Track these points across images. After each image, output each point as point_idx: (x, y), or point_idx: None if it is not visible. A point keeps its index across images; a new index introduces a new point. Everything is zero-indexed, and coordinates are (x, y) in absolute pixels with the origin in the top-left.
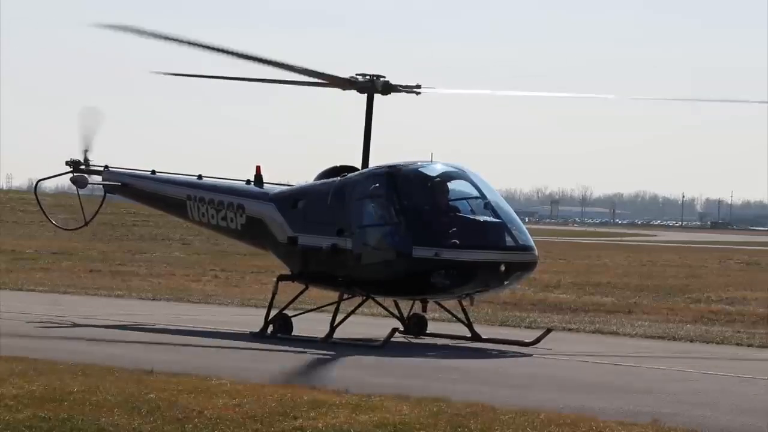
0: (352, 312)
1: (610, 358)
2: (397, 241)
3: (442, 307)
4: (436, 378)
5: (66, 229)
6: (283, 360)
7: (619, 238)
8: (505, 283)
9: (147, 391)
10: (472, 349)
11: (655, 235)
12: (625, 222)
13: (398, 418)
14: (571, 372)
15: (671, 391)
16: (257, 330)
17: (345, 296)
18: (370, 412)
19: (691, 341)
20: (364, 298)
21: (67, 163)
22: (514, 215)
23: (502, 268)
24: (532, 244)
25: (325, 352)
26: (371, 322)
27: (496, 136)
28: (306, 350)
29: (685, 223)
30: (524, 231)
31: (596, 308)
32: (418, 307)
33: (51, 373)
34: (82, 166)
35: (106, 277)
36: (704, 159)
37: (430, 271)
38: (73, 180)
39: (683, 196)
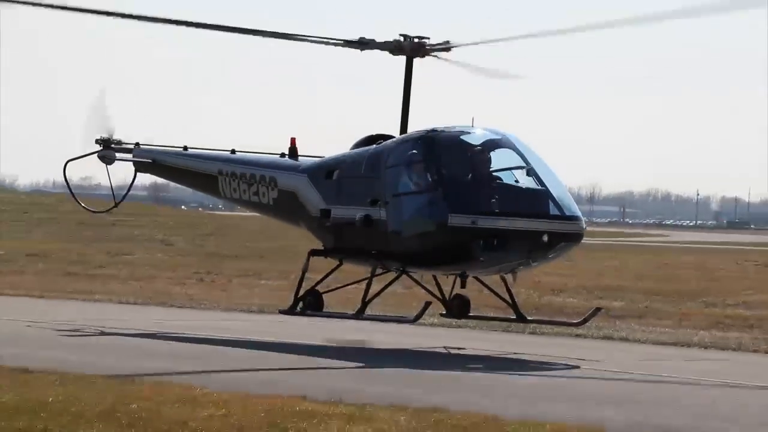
0: (386, 287)
1: (619, 366)
2: (433, 209)
3: (483, 284)
4: (437, 387)
5: (95, 212)
6: (275, 368)
7: (629, 239)
8: (549, 255)
9: (129, 401)
10: (477, 357)
11: (669, 236)
12: (636, 222)
13: (394, 429)
14: (578, 381)
15: (684, 402)
16: (286, 307)
17: (378, 271)
18: (365, 423)
19: (706, 348)
20: (399, 273)
21: (97, 141)
22: (561, 184)
23: (545, 238)
24: (579, 213)
25: (323, 357)
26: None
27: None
28: (301, 355)
29: (699, 222)
30: (570, 200)
31: (606, 313)
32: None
33: (25, 382)
34: (113, 144)
35: (84, 281)
36: (720, 155)
37: (466, 240)
38: (100, 156)
39: (698, 194)
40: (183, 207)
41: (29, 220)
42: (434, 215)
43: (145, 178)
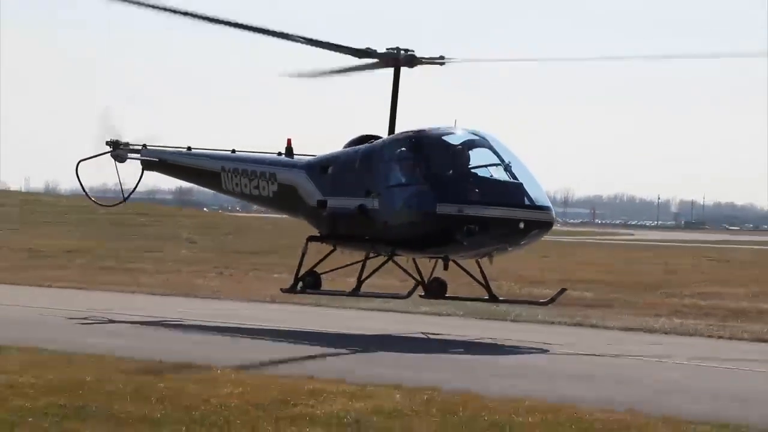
0: (378, 268)
1: (590, 349)
2: (422, 198)
3: (461, 268)
4: (425, 369)
5: (105, 206)
6: (286, 352)
7: (599, 237)
8: (522, 242)
9: (156, 380)
10: (465, 342)
11: (633, 234)
12: (604, 222)
13: (392, 405)
14: (552, 362)
15: (647, 380)
16: (287, 287)
17: (371, 254)
18: (366, 399)
19: (666, 333)
20: (388, 257)
21: (107, 143)
22: (534, 178)
23: (522, 225)
24: (550, 204)
25: (326, 343)
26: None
27: None
28: (307, 341)
29: (660, 223)
30: (542, 193)
31: (578, 303)
32: (438, 273)
33: (66, 363)
34: (122, 146)
35: (117, 274)
36: (678, 163)
37: (453, 227)
38: (114, 155)
39: (659, 198)
40: (205, 209)
41: (69, 221)
42: (424, 204)
43: (172, 184)
